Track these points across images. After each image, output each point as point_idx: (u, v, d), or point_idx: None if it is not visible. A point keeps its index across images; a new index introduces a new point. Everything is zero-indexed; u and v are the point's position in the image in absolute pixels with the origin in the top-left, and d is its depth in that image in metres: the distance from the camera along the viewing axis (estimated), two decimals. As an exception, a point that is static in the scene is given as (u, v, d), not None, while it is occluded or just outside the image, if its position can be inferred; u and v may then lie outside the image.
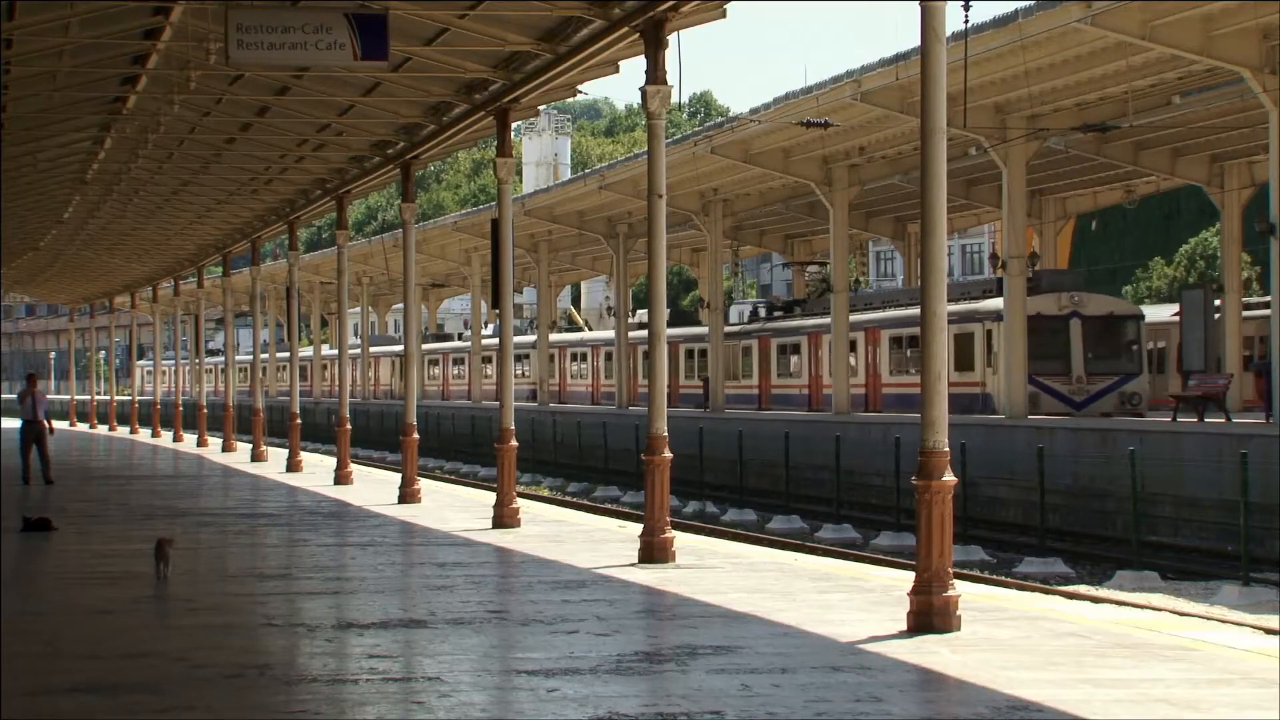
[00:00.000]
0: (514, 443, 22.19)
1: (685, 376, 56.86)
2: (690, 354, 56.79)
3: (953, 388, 36.33)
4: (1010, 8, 31.69)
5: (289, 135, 28.94)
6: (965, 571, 21.63)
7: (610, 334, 66.13)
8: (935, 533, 12.13)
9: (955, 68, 23.84)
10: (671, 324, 61.15)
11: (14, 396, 39.08)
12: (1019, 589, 20.28)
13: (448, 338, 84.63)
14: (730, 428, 41.54)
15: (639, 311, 62.81)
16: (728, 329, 52.78)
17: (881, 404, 44.56)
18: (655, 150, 17.57)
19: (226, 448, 45.43)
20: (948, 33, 12.80)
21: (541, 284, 63.06)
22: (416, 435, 26.98)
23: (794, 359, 50.18)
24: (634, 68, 19.06)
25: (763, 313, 55.78)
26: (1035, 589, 20.91)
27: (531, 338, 66.63)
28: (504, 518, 21.53)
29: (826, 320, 45.46)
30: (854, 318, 44.77)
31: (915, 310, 41.42)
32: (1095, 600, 20.96)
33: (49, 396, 42.28)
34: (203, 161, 31.88)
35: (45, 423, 30.51)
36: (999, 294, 38.75)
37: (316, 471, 34.39)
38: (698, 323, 58.09)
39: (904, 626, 12.12)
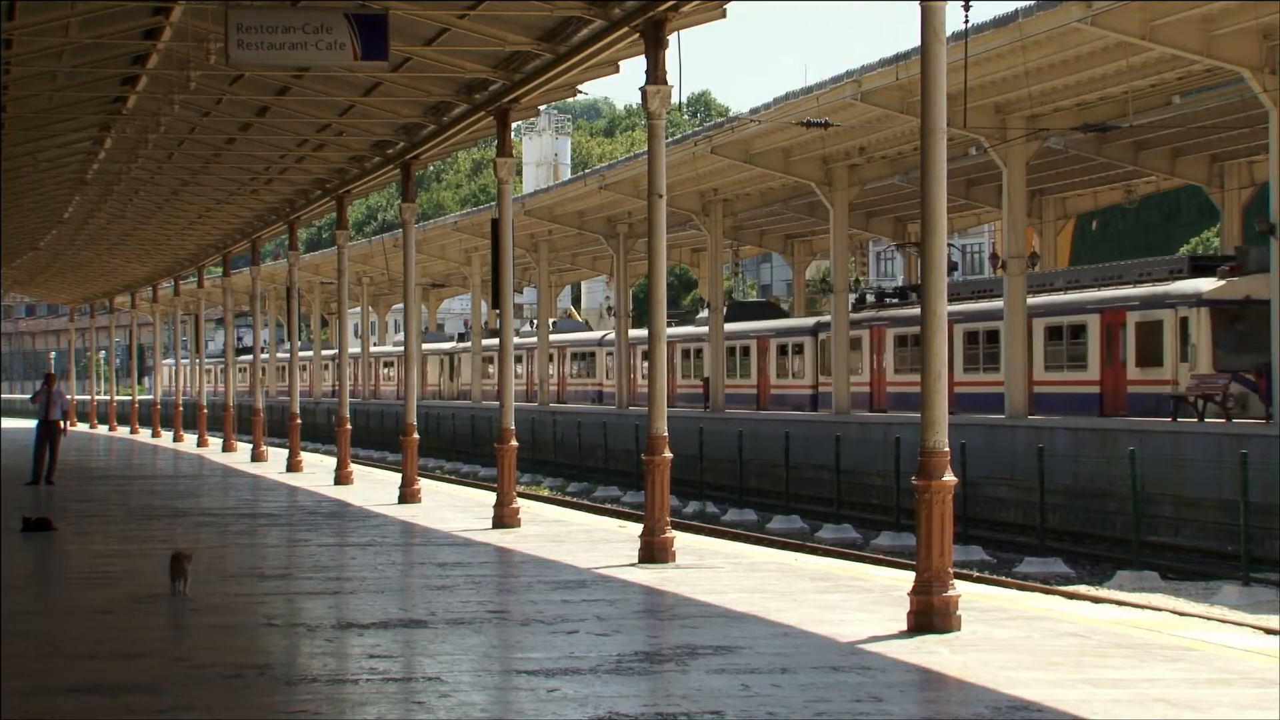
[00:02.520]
0: (514, 443, 22.20)
1: (683, 376, 56.78)
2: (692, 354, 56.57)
3: (1137, 386, 35.46)
4: (1010, 8, 31.74)
5: (289, 135, 28.94)
6: (965, 571, 21.64)
7: (579, 335, 66.32)
8: (935, 533, 12.13)
9: (955, 68, 23.83)
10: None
11: (14, 396, 39.16)
12: (1019, 589, 20.28)
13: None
14: (730, 428, 41.54)
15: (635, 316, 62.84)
16: (825, 319, 48.78)
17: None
18: (655, 150, 17.57)
19: (227, 448, 45.44)
20: (948, 33, 12.80)
21: (541, 284, 63.07)
22: (416, 435, 26.98)
23: (913, 352, 43.73)
24: (634, 68, 19.08)
25: (870, 298, 50.07)
26: (1035, 589, 20.91)
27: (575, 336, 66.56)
28: (504, 518, 21.53)
29: (961, 307, 40.56)
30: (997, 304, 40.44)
31: (1077, 295, 38.66)
32: (1095, 600, 20.96)
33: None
34: (203, 161, 31.89)
35: (60, 423, 30.60)
36: (1193, 274, 35.14)
37: (316, 471, 34.40)
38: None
39: (904, 626, 12.12)
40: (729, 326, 52.92)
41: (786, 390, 49.26)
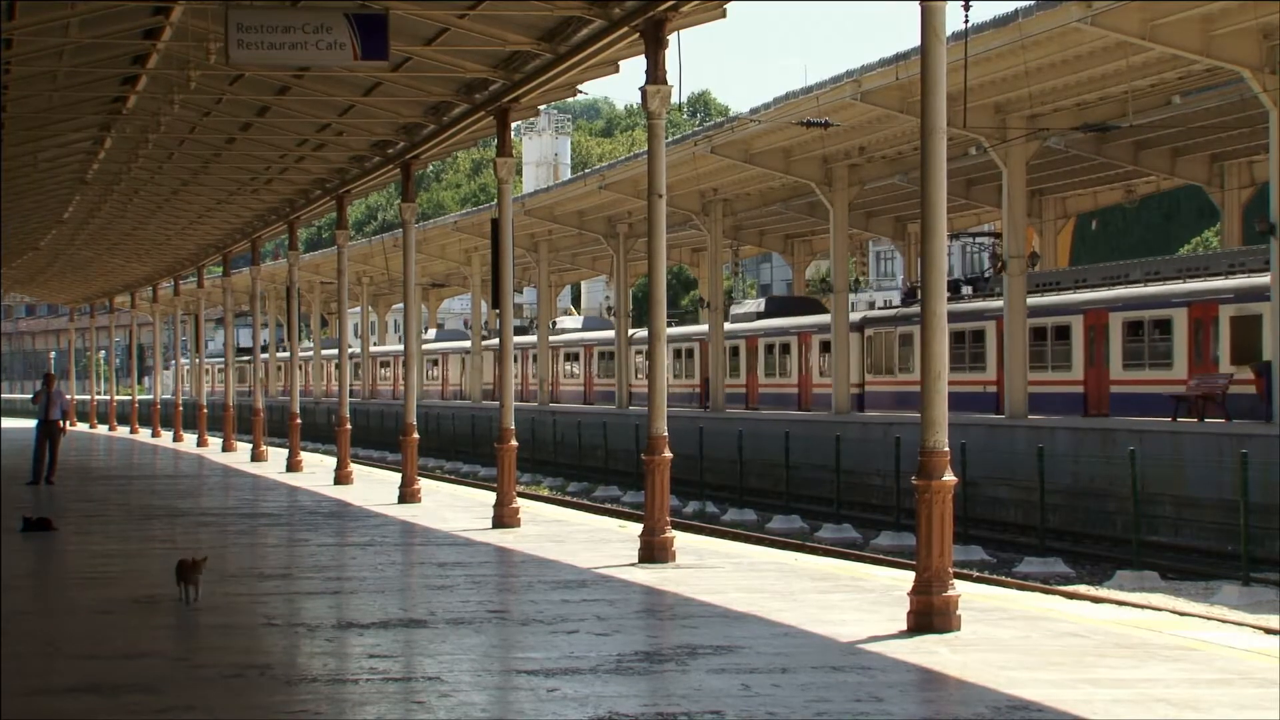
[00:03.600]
0: (514, 443, 22.20)
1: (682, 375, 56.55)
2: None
3: (1241, 385, 32.89)
4: (1010, 7, 31.74)
5: (289, 135, 28.94)
6: (965, 571, 21.65)
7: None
8: (935, 533, 12.13)
9: (955, 67, 23.84)
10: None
11: (14, 396, 39.25)
12: (1019, 589, 20.28)
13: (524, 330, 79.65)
14: (730, 427, 41.54)
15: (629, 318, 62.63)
16: (874, 314, 47.19)
17: (1110, 408, 36.28)
18: (655, 150, 17.57)
19: (227, 448, 45.44)
20: (948, 32, 12.80)
21: (541, 284, 63.06)
22: (416, 435, 26.99)
23: (975, 349, 41.64)
24: (634, 68, 19.09)
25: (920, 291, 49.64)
26: (1035, 589, 20.91)
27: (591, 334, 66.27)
28: (504, 517, 21.53)
29: (1031, 301, 38.46)
30: (1062, 298, 38.59)
31: (1160, 288, 35.71)
32: (1095, 600, 20.96)
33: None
34: (203, 161, 31.89)
35: (60, 423, 30.61)
36: None
37: (316, 471, 34.40)
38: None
39: (904, 626, 12.12)
40: (767, 323, 51.62)
41: (831, 390, 45.45)
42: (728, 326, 52.72)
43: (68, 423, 31.08)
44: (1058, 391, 38.00)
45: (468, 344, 72.12)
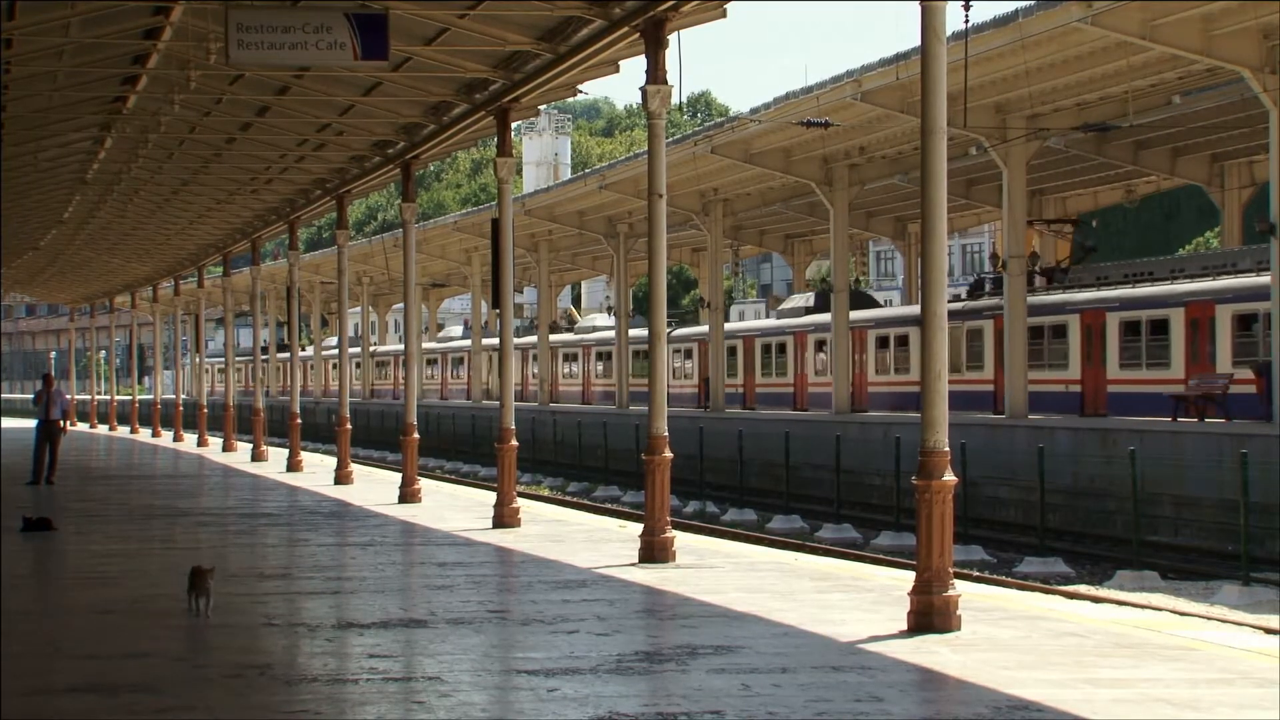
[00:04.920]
0: (514, 443, 22.20)
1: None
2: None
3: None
4: (1010, 7, 31.74)
5: (289, 135, 28.94)
6: (965, 571, 21.63)
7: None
8: (935, 532, 12.13)
9: (955, 67, 23.82)
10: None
11: (14, 396, 39.26)
12: (1019, 589, 20.28)
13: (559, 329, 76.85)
14: (730, 427, 41.53)
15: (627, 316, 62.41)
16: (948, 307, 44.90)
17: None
18: (655, 150, 17.57)
19: (227, 447, 45.44)
20: (948, 32, 12.80)
21: (542, 284, 63.07)
22: (416, 435, 26.99)
23: (1056, 345, 38.49)
24: (634, 68, 19.09)
25: (989, 285, 43.34)
26: (1035, 589, 20.90)
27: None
28: (504, 517, 21.53)
29: (1108, 294, 36.67)
30: (1160, 289, 35.64)
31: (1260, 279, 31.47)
32: (1095, 600, 20.96)
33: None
34: (203, 161, 31.89)
35: (60, 422, 30.60)
36: None
37: (317, 471, 34.39)
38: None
39: (904, 626, 12.12)
40: (817, 318, 48.90)
41: (889, 388, 42.94)
42: (773, 322, 50.53)
43: (68, 423, 31.01)
44: (1154, 392, 34.70)
45: (486, 341, 70.25)
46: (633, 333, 57.97)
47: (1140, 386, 35.39)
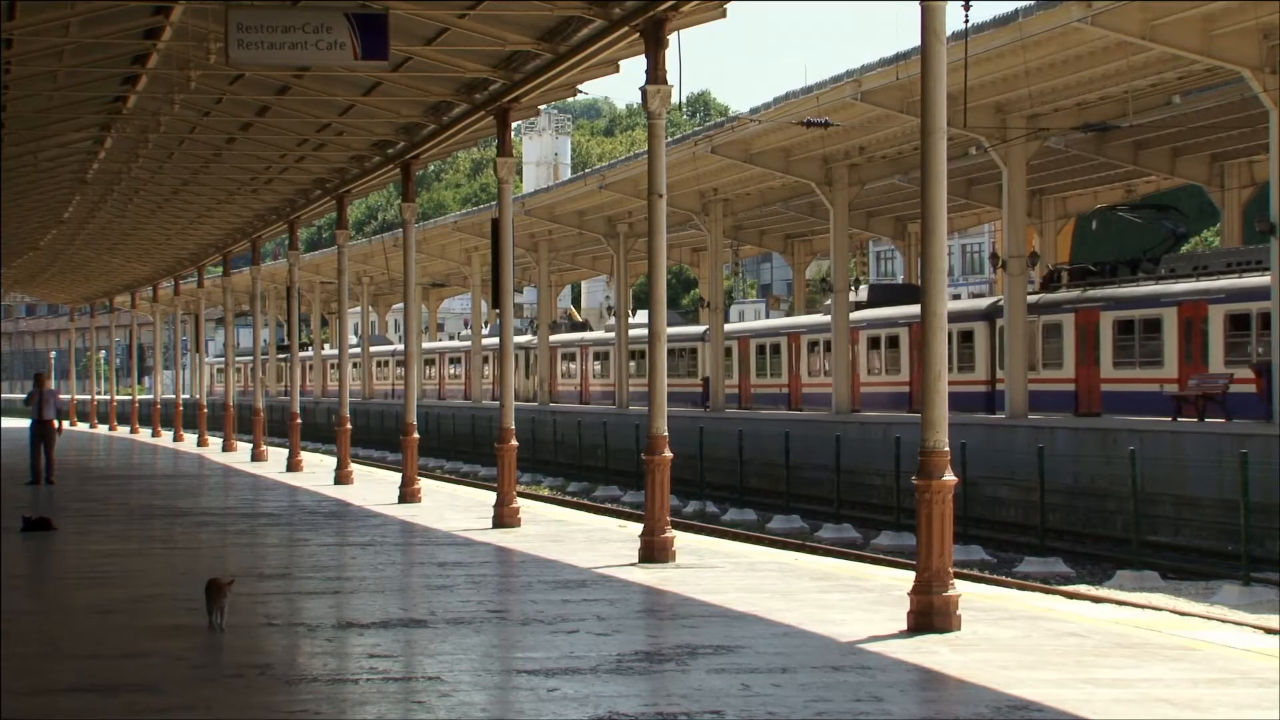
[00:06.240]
0: (514, 442, 22.20)
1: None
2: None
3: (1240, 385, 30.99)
4: (1010, 7, 31.73)
5: (289, 135, 28.94)
6: (965, 571, 21.63)
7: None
8: (935, 532, 12.13)
9: (955, 67, 23.83)
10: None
11: (14, 396, 39.23)
12: (1019, 589, 20.28)
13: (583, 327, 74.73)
14: (730, 427, 41.53)
15: (639, 312, 62.29)
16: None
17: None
18: (655, 150, 17.57)
19: (227, 447, 45.44)
20: (948, 32, 12.80)
21: (541, 284, 63.07)
22: (416, 435, 26.99)
23: (1150, 341, 35.21)
24: (634, 67, 19.10)
25: (1065, 275, 40.21)
26: (1035, 589, 20.90)
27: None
28: (504, 517, 21.53)
29: (1214, 284, 33.42)
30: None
31: None
32: (1095, 600, 20.96)
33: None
34: (203, 161, 31.89)
35: (54, 422, 30.60)
36: None
37: (317, 471, 34.39)
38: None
39: (904, 626, 12.12)
40: (868, 314, 46.24)
41: (953, 388, 41.92)
42: (819, 319, 48.08)
43: (64, 422, 31.00)
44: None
45: (524, 338, 68.81)
46: (671, 331, 56.96)
47: (1248, 385, 31.40)
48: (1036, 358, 38.21)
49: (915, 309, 41.08)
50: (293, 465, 35.13)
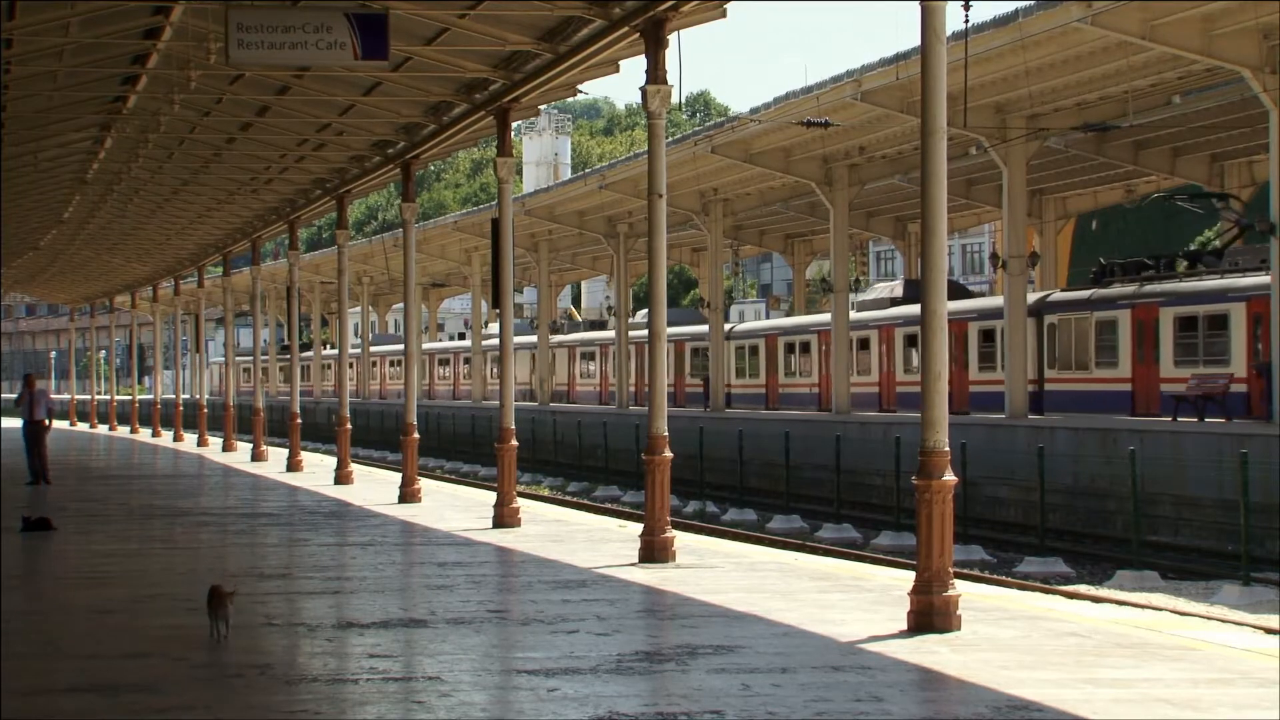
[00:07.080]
0: (514, 442, 22.20)
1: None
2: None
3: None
4: (1010, 7, 31.72)
5: (289, 135, 28.94)
6: (966, 571, 21.64)
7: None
8: (936, 532, 12.13)
9: (955, 67, 23.83)
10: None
11: (14, 396, 39.21)
12: (1019, 589, 20.28)
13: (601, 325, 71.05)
14: (730, 427, 41.52)
15: (639, 312, 62.20)
16: (1061, 296, 39.16)
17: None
18: (655, 150, 17.57)
19: (227, 447, 45.44)
20: (948, 32, 12.80)
21: (541, 284, 63.07)
22: (417, 435, 26.99)
23: (1216, 339, 33.41)
24: (634, 67, 19.10)
25: (1117, 270, 37.92)
26: (1035, 589, 20.90)
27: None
28: (504, 517, 21.53)
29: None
30: None
31: None
32: (1095, 600, 20.96)
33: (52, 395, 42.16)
34: (203, 161, 31.89)
35: (45, 422, 30.62)
36: None
37: (317, 471, 34.39)
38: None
39: (904, 626, 12.12)
40: (905, 310, 44.34)
41: (999, 387, 37.79)
42: (854, 315, 46.20)
43: (51, 420, 31.11)
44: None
45: (532, 337, 67.17)
46: (691, 329, 56.56)
47: None
48: (1089, 356, 36.82)
49: (954, 305, 37.40)
50: (293, 465, 35.13)
